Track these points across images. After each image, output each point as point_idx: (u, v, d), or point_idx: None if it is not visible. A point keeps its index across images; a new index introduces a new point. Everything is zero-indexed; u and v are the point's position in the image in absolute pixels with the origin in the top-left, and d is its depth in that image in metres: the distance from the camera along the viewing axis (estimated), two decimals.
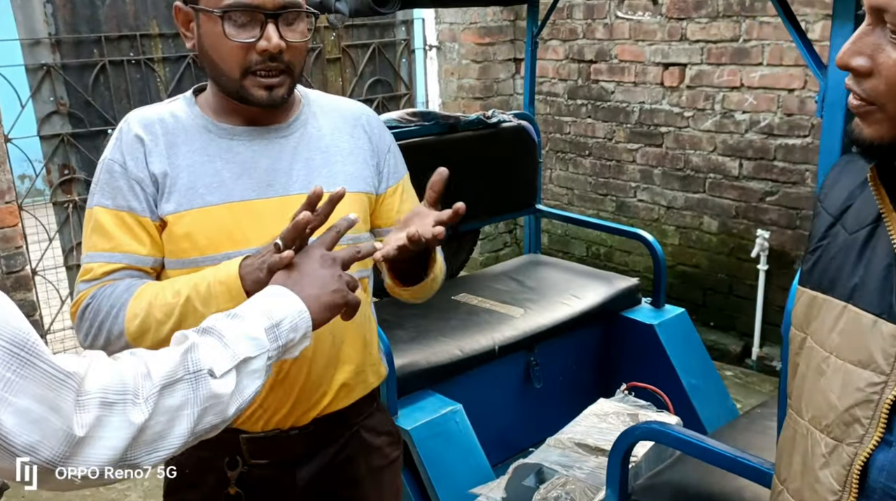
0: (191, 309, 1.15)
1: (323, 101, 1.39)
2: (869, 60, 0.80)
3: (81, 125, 3.69)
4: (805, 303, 0.97)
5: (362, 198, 1.35)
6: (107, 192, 1.24)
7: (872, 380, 0.84)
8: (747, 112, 3.70)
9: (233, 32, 1.16)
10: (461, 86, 4.74)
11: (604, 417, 1.90)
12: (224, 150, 1.25)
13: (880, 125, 0.82)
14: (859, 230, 0.91)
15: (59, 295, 3.80)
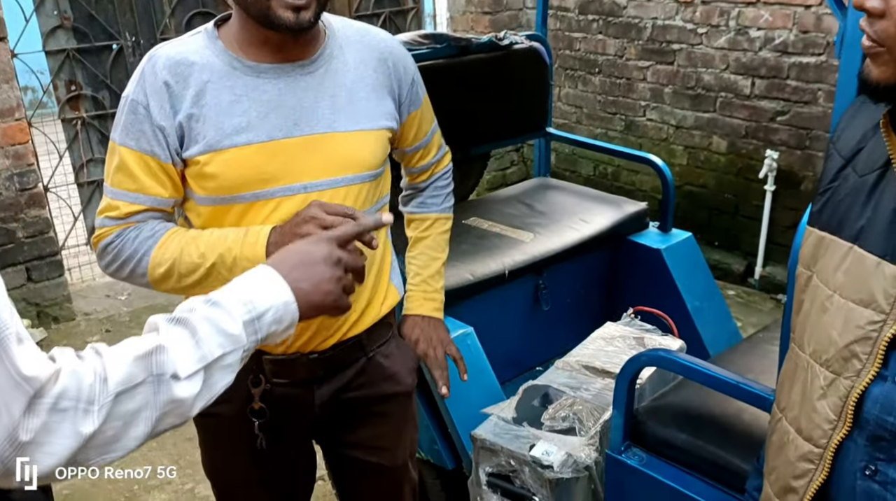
0: (215, 273, 1.24)
1: (349, 32, 1.38)
2: (882, 2, 0.82)
3: (86, 40, 3.64)
4: (812, 243, 1.00)
5: (384, 135, 1.38)
6: (131, 133, 1.26)
7: (872, 319, 0.89)
8: (762, 29, 3.63)
9: None
10: (469, 0, 4.63)
11: (610, 340, 1.98)
12: (251, 89, 1.26)
13: (888, 67, 0.85)
14: (869, 173, 0.94)
15: (71, 212, 3.85)
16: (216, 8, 3.92)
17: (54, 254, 3.57)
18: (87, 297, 3.85)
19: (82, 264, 3.94)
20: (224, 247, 1.24)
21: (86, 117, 3.75)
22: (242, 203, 1.28)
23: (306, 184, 1.29)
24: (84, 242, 3.96)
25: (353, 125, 1.32)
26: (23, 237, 3.44)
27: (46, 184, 3.60)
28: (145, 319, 0.95)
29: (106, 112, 3.78)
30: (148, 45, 3.78)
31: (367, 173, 1.35)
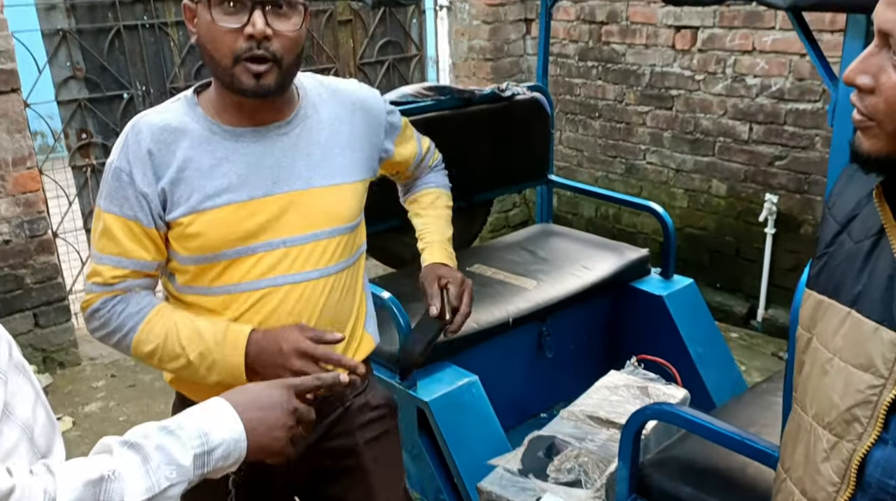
0: (193, 370, 1.31)
1: (321, 89, 1.45)
2: (872, 79, 0.86)
3: (98, 90, 3.72)
4: (811, 306, 1.03)
5: (360, 187, 1.45)
6: (115, 199, 1.31)
7: (872, 383, 0.91)
8: (759, 76, 3.70)
9: (221, 18, 1.22)
10: (471, 47, 4.73)
11: (615, 390, 2.00)
12: (230, 152, 1.32)
13: (878, 139, 0.88)
14: (864, 240, 0.97)
15: (79, 257, 3.89)
16: None
17: (62, 300, 3.61)
18: (92, 342, 3.85)
19: None
20: (203, 347, 1.31)
21: (95, 164, 3.81)
22: (225, 260, 1.34)
23: (285, 239, 1.35)
24: None
25: (329, 180, 1.39)
26: (31, 283, 3.48)
27: (55, 230, 3.65)
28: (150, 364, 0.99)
29: None
30: (158, 94, 3.86)
31: (343, 226, 1.41)
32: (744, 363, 3.42)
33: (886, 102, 0.85)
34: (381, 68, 4.55)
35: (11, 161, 3.28)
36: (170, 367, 1.35)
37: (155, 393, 3.34)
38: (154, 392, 3.34)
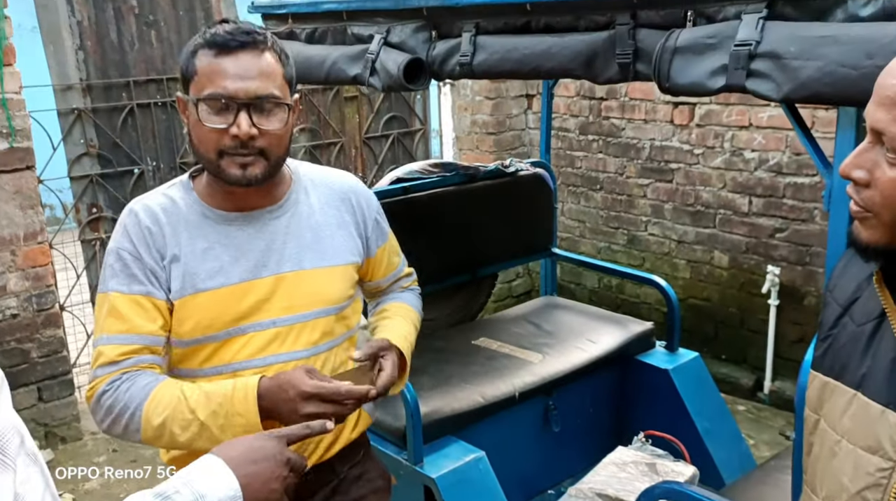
0: (207, 432, 1.28)
1: (314, 175, 1.50)
2: (867, 174, 0.89)
3: (109, 165, 3.81)
4: (817, 388, 1.04)
5: (349, 270, 1.47)
6: (122, 279, 1.32)
7: (881, 466, 0.91)
8: (756, 150, 3.78)
9: (207, 118, 1.26)
10: (474, 122, 4.85)
11: (623, 466, 1.98)
12: (222, 236, 1.36)
13: (875, 230, 0.91)
14: (866, 323, 0.99)
15: (85, 330, 3.90)
16: None
17: (66, 373, 3.60)
18: None
19: None
20: (214, 405, 1.28)
21: (104, 238, 3.86)
22: (216, 342, 1.35)
23: (275, 320, 1.37)
24: None
25: (319, 262, 1.42)
26: (37, 357, 3.48)
27: (62, 304, 3.67)
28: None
29: None
30: (168, 169, 3.94)
31: (333, 307, 1.43)
32: (752, 437, 3.38)
33: (882, 195, 0.88)
34: (386, 142, 4.65)
35: (23, 236, 3.34)
36: (183, 438, 1.29)
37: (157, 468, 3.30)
38: (156, 466, 3.30)
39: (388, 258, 1.61)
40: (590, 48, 1.48)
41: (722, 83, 1.25)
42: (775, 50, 1.18)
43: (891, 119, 0.84)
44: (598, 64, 1.48)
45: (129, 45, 3.78)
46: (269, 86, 1.28)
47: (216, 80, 1.26)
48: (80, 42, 3.66)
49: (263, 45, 1.29)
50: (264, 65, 1.29)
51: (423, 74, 1.79)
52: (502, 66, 1.65)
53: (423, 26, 1.80)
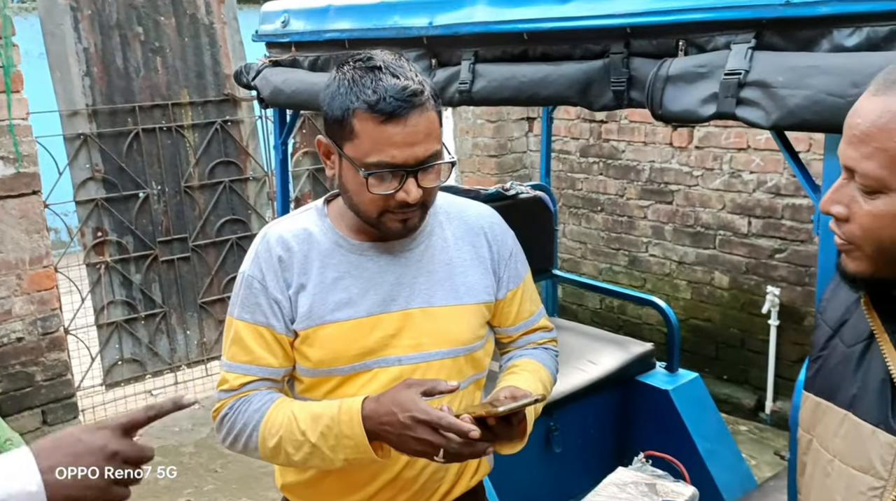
0: (319, 453, 1.27)
1: (450, 208, 1.45)
2: (846, 208, 0.92)
3: (115, 190, 3.85)
4: (810, 408, 1.07)
5: (482, 309, 1.41)
6: (247, 307, 1.33)
7: (873, 485, 0.93)
8: (755, 172, 3.82)
9: (374, 184, 1.22)
10: (476, 145, 4.90)
11: (623, 487, 1.98)
12: (353, 267, 1.33)
13: (860, 261, 0.94)
14: (856, 344, 1.01)
15: (89, 353, 3.93)
16: (238, 157, 4.17)
17: (70, 397, 3.63)
18: None
19: (96, 405, 3.97)
20: (322, 426, 1.26)
21: (109, 261, 3.90)
22: (340, 375, 1.33)
23: (401, 358, 1.33)
24: (99, 383, 4.01)
25: (449, 300, 1.36)
26: (41, 380, 3.51)
27: (67, 327, 3.70)
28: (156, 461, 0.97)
29: (129, 256, 3.94)
30: (173, 193, 3.99)
31: (461, 347, 1.36)
32: (753, 457, 3.39)
33: (862, 229, 0.91)
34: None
35: (28, 260, 3.38)
36: (298, 458, 1.29)
37: (159, 490, 3.31)
38: (158, 490, 3.31)
39: (519, 304, 1.48)
40: (585, 76, 1.52)
41: (713, 111, 1.28)
42: (764, 79, 1.21)
43: (860, 156, 0.87)
44: (594, 91, 1.52)
45: (134, 72, 3.84)
46: (433, 145, 1.23)
47: (383, 148, 1.20)
48: (87, 68, 3.72)
49: (428, 103, 1.22)
50: (429, 124, 1.23)
51: None
52: (501, 94, 1.68)
53: (423, 54, 1.84)
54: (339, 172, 1.29)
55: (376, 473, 1.36)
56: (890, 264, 0.91)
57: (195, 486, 3.37)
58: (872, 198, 0.88)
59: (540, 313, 1.55)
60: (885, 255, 0.90)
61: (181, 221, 4.04)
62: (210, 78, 4.06)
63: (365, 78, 1.21)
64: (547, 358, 1.53)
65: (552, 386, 1.51)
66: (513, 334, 1.52)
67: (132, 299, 3.99)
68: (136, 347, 4.05)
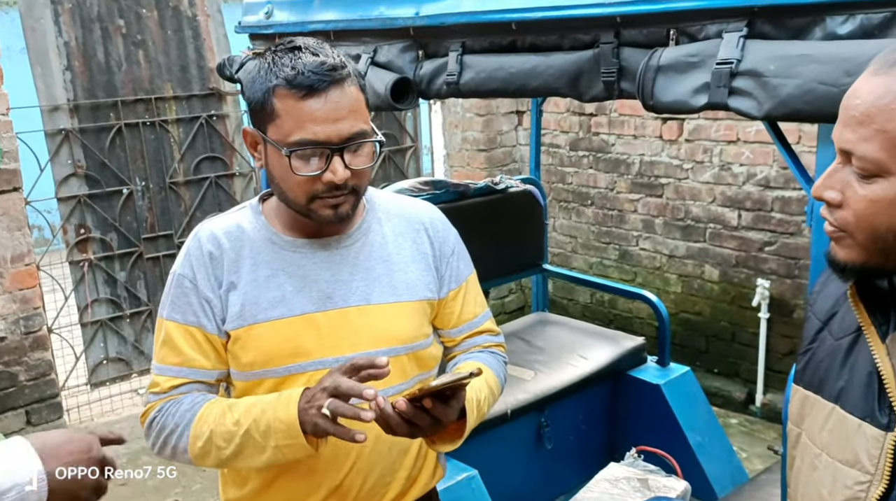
0: (250, 440, 1.21)
1: (389, 206, 1.41)
2: (839, 194, 0.89)
3: (98, 186, 3.79)
4: (799, 401, 1.05)
5: (423, 306, 1.36)
6: (177, 307, 1.29)
7: (859, 479, 0.91)
8: (745, 165, 3.81)
9: (299, 166, 1.19)
10: (465, 139, 4.87)
11: (615, 482, 1.97)
12: (287, 263, 1.29)
13: (851, 249, 0.91)
14: (843, 337, 0.99)
15: (73, 352, 3.87)
16: (224, 153, 4.12)
17: (54, 396, 3.58)
18: None
19: (81, 404, 3.92)
20: (258, 411, 1.21)
21: (93, 259, 3.84)
22: (275, 378, 1.28)
23: (338, 358, 1.27)
24: (84, 382, 3.96)
25: (388, 297, 1.32)
26: (25, 380, 3.45)
27: (51, 326, 3.65)
28: (143, 461, 0.98)
29: (113, 253, 3.89)
30: (157, 189, 3.94)
31: (402, 346, 1.33)
32: (744, 450, 3.38)
33: (855, 215, 0.88)
34: (378, 159, 4.66)
35: (10, 258, 3.32)
36: (228, 452, 1.23)
37: (147, 491, 3.27)
38: (146, 490, 3.27)
39: (462, 305, 1.43)
40: (575, 67, 1.49)
41: (704, 101, 1.25)
42: (756, 68, 1.18)
43: (858, 138, 0.85)
44: (584, 82, 1.49)
45: (116, 66, 3.78)
46: (358, 123, 1.20)
47: (305, 125, 1.17)
48: (68, 63, 3.66)
49: (348, 78, 1.20)
50: (352, 100, 1.20)
51: (410, 94, 1.80)
52: (489, 85, 1.65)
53: (409, 46, 1.81)
54: (265, 161, 1.26)
55: (319, 482, 1.31)
56: (882, 253, 0.88)
57: (183, 486, 3.33)
58: (869, 183, 0.86)
59: (485, 316, 1.49)
60: (878, 243, 0.88)
61: (166, 218, 3.98)
62: (194, 72, 4.00)
63: (284, 58, 1.20)
64: (493, 361, 1.46)
65: (499, 389, 1.44)
66: (456, 337, 1.46)
67: (117, 297, 3.93)
68: (122, 346, 4.00)
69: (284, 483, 1.33)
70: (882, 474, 0.89)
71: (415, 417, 1.14)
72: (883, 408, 0.90)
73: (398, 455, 1.35)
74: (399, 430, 1.15)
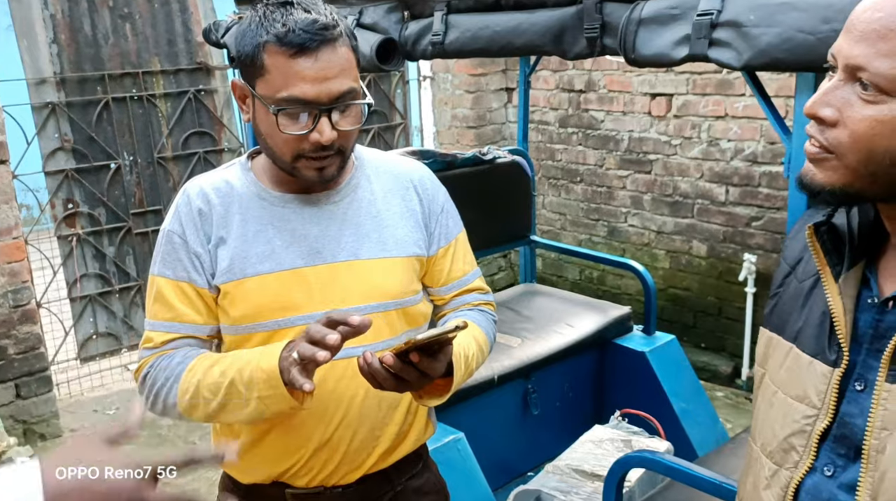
0: (235, 391, 1.21)
1: (378, 162, 1.41)
2: (836, 112, 0.85)
3: (85, 160, 3.78)
4: (764, 343, 1.07)
5: (412, 262, 1.37)
6: (168, 263, 1.29)
7: (806, 413, 0.94)
8: (732, 140, 3.82)
9: (286, 124, 1.19)
10: (455, 116, 4.86)
11: (599, 443, 2.00)
12: (276, 218, 1.30)
13: (834, 172, 0.87)
14: (806, 280, 1.01)
15: (62, 327, 3.87)
16: (213, 128, 4.10)
17: (44, 370, 3.57)
18: (74, 413, 3.81)
19: (71, 379, 3.93)
20: (243, 362, 1.21)
21: (81, 233, 3.84)
22: (264, 331, 1.28)
23: (328, 313, 1.26)
24: (73, 357, 3.96)
25: (377, 253, 1.33)
26: (14, 354, 3.45)
27: (39, 300, 3.64)
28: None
29: (101, 228, 3.88)
30: (145, 164, 3.93)
31: (391, 301, 1.33)
32: (730, 421, 3.42)
33: (852, 136, 0.84)
34: (367, 136, 4.66)
35: None
36: (215, 404, 1.22)
37: None
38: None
39: (451, 263, 1.43)
40: (558, 24, 1.50)
41: (685, 52, 1.26)
42: (736, 18, 1.19)
43: (875, 53, 0.80)
44: (567, 39, 1.50)
45: (103, 39, 3.76)
46: (348, 82, 1.19)
47: (294, 83, 1.17)
48: (54, 36, 3.64)
49: (339, 37, 1.19)
50: (343, 60, 1.19)
51: (395, 54, 1.80)
52: (474, 45, 1.66)
53: (395, 7, 1.81)
54: (253, 115, 1.25)
55: (308, 436, 1.32)
56: (871, 176, 0.86)
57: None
58: (876, 102, 0.82)
59: (475, 274, 1.50)
60: (871, 166, 0.85)
61: (155, 192, 3.97)
62: (182, 45, 3.98)
63: (276, 13, 1.18)
64: (482, 318, 1.47)
65: (489, 347, 1.45)
66: (445, 295, 1.46)
67: (106, 272, 3.93)
68: (111, 321, 4.00)
69: (275, 438, 1.34)
70: (827, 408, 0.91)
71: (402, 371, 1.14)
72: (832, 346, 0.92)
73: (387, 410, 1.36)
74: (386, 384, 1.16)
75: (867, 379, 0.89)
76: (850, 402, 0.90)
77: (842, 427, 0.91)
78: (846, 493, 0.89)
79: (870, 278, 0.93)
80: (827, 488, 0.91)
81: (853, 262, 0.94)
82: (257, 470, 1.37)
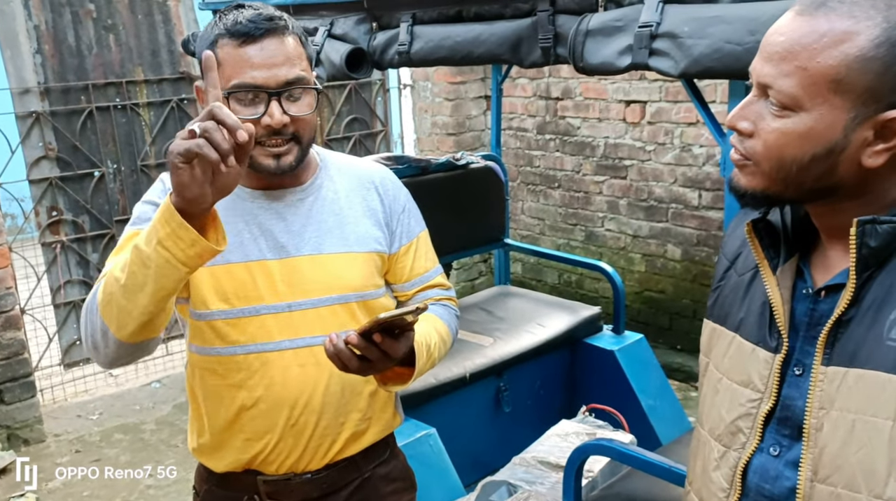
0: (139, 256, 1.13)
1: (341, 163, 1.48)
2: (752, 125, 0.95)
3: (69, 168, 3.84)
4: (708, 334, 1.15)
5: (373, 257, 1.43)
6: (138, 221, 1.31)
7: (751, 397, 1.02)
8: (704, 146, 3.92)
9: (237, 108, 1.25)
10: (435, 123, 4.95)
11: (564, 437, 2.07)
12: (245, 212, 1.36)
13: (754, 177, 0.98)
14: (746, 273, 1.09)
15: (46, 333, 3.92)
16: None
17: (27, 376, 3.61)
18: (57, 418, 3.85)
19: (54, 385, 3.97)
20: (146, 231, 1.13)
21: (65, 240, 3.89)
22: (227, 319, 1.34)
23: (290, 304, 1.35)
24: (57, 363, 4.00)
25: (339, 247, 1.39)
26: None
27: (23, 307, 3.69)
28: (116, 438, 0.89)
29: (85, 235, 3.93)
30: (129, 172, 3.98)
31: (352, 293, 1.39)
32: None
33: (765, 146, 0.94)
34: (348, 144, 4.73)
35: None
36: (123, 280, 1.14)
37: (119, 467, 3.33)
38: (119, 466, 3.33)
39: (413, 260, 1.49)
40: (515, 34, 1.58)
41: (628, 62, 1.35)
42: (672, 30, 1.28)
43: (778, 73, 0.90)
44: (524, 48, 1.58)
45: (87, 49, 3.82)
46: (296, 71, 1.27)
47: (243, 70, 1.24)
48: (38, 46, 3.70)
49: (286, 29, 1.28)
50: (289, 49, 1.27)
51: (364, 63, 1.88)
52: (437, 54, 1.74)
53: (363, 18, 1.89)
54: None
55: (275, 421, 1.38)
56: (783, 182, 0.95)
57: (155, 461, 3.39)
58: (782, 117, 0.91)
59: (436, 271, 1.56)
60: (782, 173, 0.94)
61: (138, 200, 4.02)
62: (165, 55, 4.05)
63: (229, 14, 1.28)
64: (444, 312, 1.53)
65: (451, 339, 1.51)
66: (408, 291, 1.52)
67: (90, 278, 3.98)
68: None
69: (243, 424, 1.40)
70: (770, 392, 0.99)
71: (365, 351, 1.20)
72: (772, 334, 1.00)
73: (350, 396, 1.42)
74: (350, 365, 1.22)
75: (804, 363, 0.97)
76: (790, 386, 0.98)
77: (784, 410, 0.98)
78: (792, 470, 0.96)
79: (804, 270, 1.01)
80: (774, 466, 0.98)
81: (788, 255, 1.02)
82: (227, 457, 1.43)
